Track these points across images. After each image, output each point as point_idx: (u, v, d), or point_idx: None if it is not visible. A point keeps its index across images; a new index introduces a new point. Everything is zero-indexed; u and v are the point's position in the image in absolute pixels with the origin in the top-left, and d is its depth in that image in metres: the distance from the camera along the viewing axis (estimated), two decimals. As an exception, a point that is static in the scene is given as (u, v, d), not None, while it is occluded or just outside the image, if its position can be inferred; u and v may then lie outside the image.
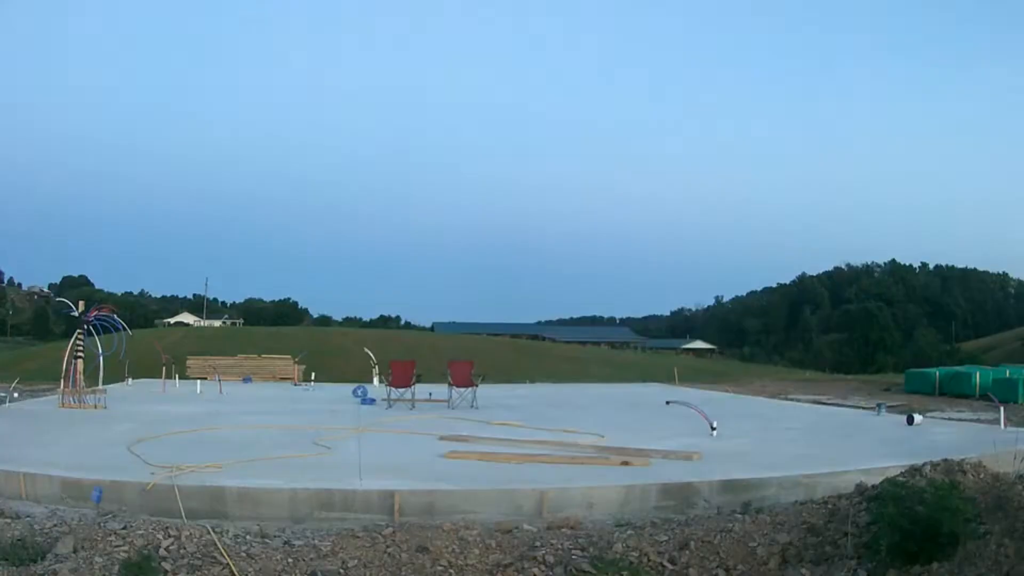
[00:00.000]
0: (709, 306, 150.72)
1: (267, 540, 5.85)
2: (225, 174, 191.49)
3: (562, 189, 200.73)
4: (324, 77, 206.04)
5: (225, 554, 5.29)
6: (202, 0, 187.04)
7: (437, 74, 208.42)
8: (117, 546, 5.27)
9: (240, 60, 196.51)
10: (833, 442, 10.54)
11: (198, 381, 21.68)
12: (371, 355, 24.47)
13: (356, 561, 5.50)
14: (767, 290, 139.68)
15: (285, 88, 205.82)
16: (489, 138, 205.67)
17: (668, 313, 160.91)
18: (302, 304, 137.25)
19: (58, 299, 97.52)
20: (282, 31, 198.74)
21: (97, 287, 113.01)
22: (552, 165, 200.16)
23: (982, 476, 6.15)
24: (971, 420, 14.38)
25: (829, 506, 6.48)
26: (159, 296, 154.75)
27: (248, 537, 5.84)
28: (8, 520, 5.89)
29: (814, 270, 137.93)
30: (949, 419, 14.69)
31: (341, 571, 5.35)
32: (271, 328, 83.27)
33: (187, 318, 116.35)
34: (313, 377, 24.02)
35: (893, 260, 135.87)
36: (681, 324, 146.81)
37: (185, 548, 5.35)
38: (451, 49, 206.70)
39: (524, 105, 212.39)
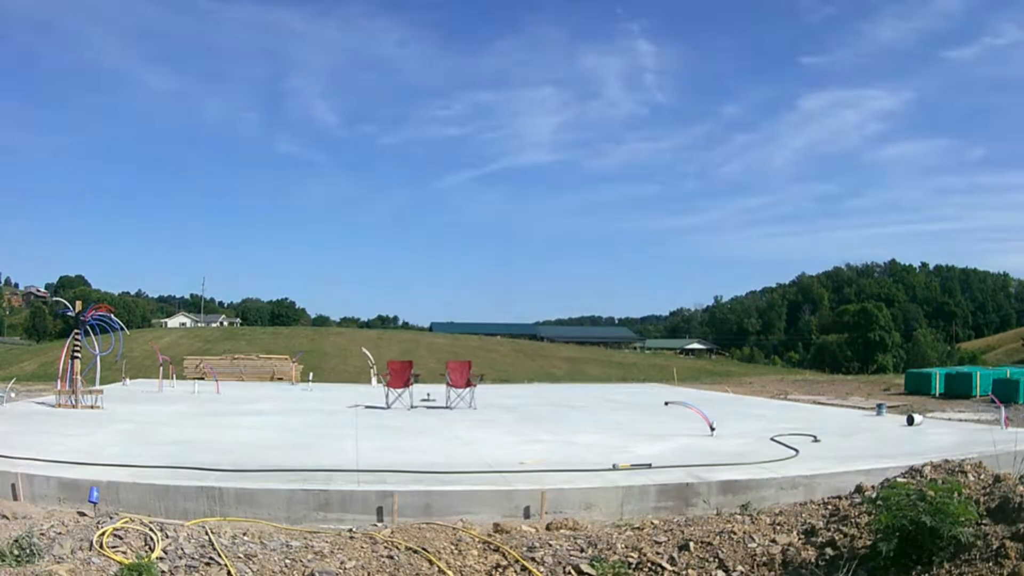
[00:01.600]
0: (708, 306, 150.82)
1: (265, 541, 5.82)
2: (223, 172, 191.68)
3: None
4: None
5: (223, 555, 5.26)
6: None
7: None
8: (114, 547, 5.24)
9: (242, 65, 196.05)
10: (833, 442, 10.52)
11: (195, 381, 21.67)
12: (368, 355, 24.47)
13: (354, 563, 5.47)
14: (767, 290, 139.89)
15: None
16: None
17: (667, 313, 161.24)
18: (300, 304, 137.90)
19: (55, 299, 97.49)
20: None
21: (94, 287, 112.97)
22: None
23: (983, 477, 6.13)
24: (972, 421, 14.36)
25: (829, 506, 6.47)
26: (156, 296, 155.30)
27: (245, 538, 5.80)
28: (5, 520, 5.85)
29: (814, 270, 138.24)
30: (949, 420, 14.67)
31: (339, 572, 5.32)
32: (269, 328, 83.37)
33: (184, 318, 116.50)
34: (311, 377, 24.02)
35: (893, 260, 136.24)
36: (680, 324, 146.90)
37: (183, 549, 5.32)
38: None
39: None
